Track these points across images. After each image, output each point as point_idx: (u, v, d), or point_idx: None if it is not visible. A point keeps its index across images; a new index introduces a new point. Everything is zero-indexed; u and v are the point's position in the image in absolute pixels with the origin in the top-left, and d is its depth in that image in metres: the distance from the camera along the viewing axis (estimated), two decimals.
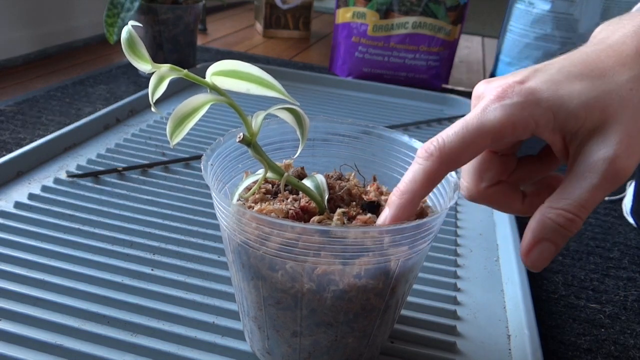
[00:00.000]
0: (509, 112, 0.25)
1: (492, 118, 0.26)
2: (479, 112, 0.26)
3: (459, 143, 0.26)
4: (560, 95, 0.25)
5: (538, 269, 0.27)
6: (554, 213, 0.25)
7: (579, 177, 0.25)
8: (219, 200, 0.28)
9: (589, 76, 0.26)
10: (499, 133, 0.26)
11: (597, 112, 0.25)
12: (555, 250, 0.26)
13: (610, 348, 0.40)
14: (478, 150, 0.27)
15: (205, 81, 0.27)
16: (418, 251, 0.28)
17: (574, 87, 0.25)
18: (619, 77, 0.25)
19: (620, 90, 0.25)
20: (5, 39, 0.89)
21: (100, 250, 0.42)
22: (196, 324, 0.36)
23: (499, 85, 0.26)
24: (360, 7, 0.95)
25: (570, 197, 0.25)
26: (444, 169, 0.27)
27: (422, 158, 0.27)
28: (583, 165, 0.25)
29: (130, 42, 0.26)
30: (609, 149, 0.24)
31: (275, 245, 0.26)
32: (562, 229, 0.25)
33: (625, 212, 0.59)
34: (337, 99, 0.84)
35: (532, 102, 0.25)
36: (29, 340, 0.33)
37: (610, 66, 0.26)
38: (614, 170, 0.24)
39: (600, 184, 0.24)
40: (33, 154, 0.55)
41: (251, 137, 0.28)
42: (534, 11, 0.85)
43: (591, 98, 0.25)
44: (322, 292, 0.27)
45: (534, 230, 0.26)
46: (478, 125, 0.26)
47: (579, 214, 0.25)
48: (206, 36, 1.27)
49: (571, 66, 0.26)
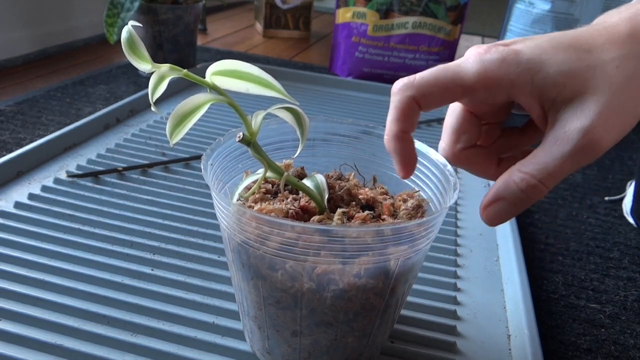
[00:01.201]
0: (485, 66, 0.26)
1: (468, 68, 0.26)
2: (458, 61, 0.27)
3: (430, 80, 0.27)
4: (542, 60, 0.25)
5: (492, 224, 0.27)
6: (519, 176, 0.25)
7: (551, 145, 0.25)
8: (219, 199, 0.28)
9: (577, 48, 0.26)
10: (471, 85, 0.26)
11: (577, 82, 0.25)
12: (513, 212, 0.26)
13: (610, 348, 0.40)
14: (449, 96, 0.27)
15: (205, 81, 0.27)
16: (418, 250, 0.28)
17: (558, 55, 0.25)
18: (607, 54, 0.25)
19: (606, 66, 0.25)
20: (5, 39, 0.89)
21: (100, 250, 0.42)
22: (196, 324, 0.36)
23: (484, 46, 0.27)
24: (360, 7, 0.95)
25: (538, 163, 0.25)
26: (413, 103, 0.27)
27: (393, 94, 0.28)
28: (557, 133, 0.25)
29: (131, 42, 0.26)
30: (585, 120, 0.24)
31: (275, 245, 0.26)
32: (523, 194, 0.25)
33: (625, 212, 0.59)
34: (337, 99, 0.84)
35: (511, 60, 0.25)
36: (29, 340, 0.33)
37: (600, 43, 0.26)
38: (588, 142, 0.24)
39: (571, 154, 0.24)
40: (33, 154, 0.55)
41: (251, 136, 0.28)
42: (534, 11, 0.85)
43: (574, 68, 0.25)
44: (322, 292, 0.27)
45: (497, 188, 0.26)
46: (453, 71, 0.26)
47: (544, 181, 0.25)
48: (206, 36, 1.27)
49: (562, 37, 0.26)
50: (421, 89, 0.27)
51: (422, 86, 0.27)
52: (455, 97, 0.27)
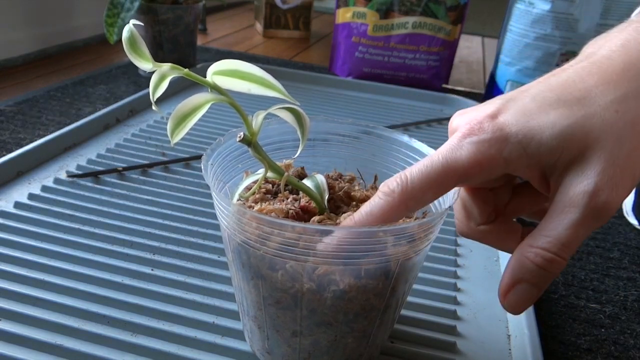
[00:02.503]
0: (475, 150, 0.24)
1: (457, 157, 0.24)
2: (445, 150, 0.25)
3: (422, 184, 0.25)
4: (531, 128, 0.23)
5: (517, 312, 0.25)
6: (533, 252, 0.23)
7: (559, 213, 0.23)
8: (219, 199, 0.28)
9: (566, 101, 0.23)
10: (464, 173, 0.24)
11: (574, 141, 0.23)
12: (537, 292, 0.24)
13: (610, 348, 0.40)
14: (444, 190, 0.25)
15: (206, 80, 0.27)
16: (418, 251, 0.28)
17: (548, 117, 0.23)
18: (602, 98, 0.23)
19: (603, 113, 0.22)
20: (5, 39, 0.89)
21: (100, 250, 0.42)
22: (196, 324, 0.36)
23: (469, 121, 0.25)
24: (360, 7, 0.95)
25: (550, 235, 0.23)
26: (404, 209, 0.25)
27: (383, 193, 0.25)
28: (563, 200, 0.23)
29: (132, 41, 0.26)
30: (590, 182, 0.22)
31: (276, 245, 0.26)
32: (542, 270, 0.23)
33: (626, 212, 0.59)
34: (337, 99, 0.84)
35: (500, 138, 0.23)
36: (29, 340, 0.33)
37: (592, 85, 0.23)
38: (596, 205, 0.22)
39: (581, 221, 0.22)
40: (33, 154, 0.55)
41: (252, 136, 0.28)
42: (534, 11, 0.85)
43: (566, 126, 0.23)
44: (322, 292, 0.27)
45: (512, 270, 0.24)
46: (443, 164, 0.24)
47: (560, 253, 0.23)
48: (206, 36, 1.27)
49: (547, 91, 0.24)
50: (414, 194, 0.25)
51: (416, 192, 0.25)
52: (450, 189, 0.25)
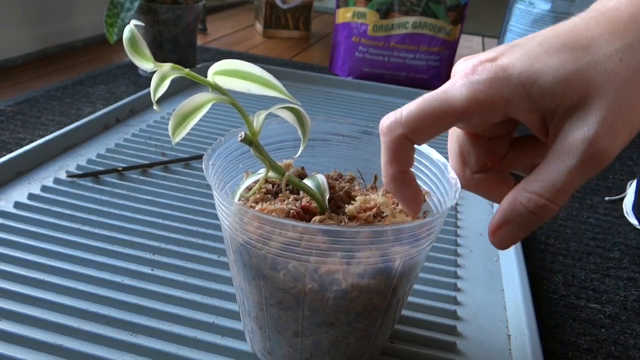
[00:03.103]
0: (474, 89, 0.23)
1: (457, 94, 0.24)
2: (444, 88, 0.25)
3: (419, 114, 0.24)
4: (535, 70, 0.23)
5: (502, 248, 0.25)
6: (526, 197, 0.23)
7: (555, 159, 0.23)
8: (220, 199, 0.28)
9: (572, 47, 0.23)
10: (463, 110, 0.24)
11: (577, 87, 0.22)
12: (523, 234, 0.24)
13: (610, 348, 0.40)
14: (439, 128, 0.25)
15: (207, 80, 0.27)
16: (419, 251, 0.28)
17: (552, 60, 0.23)
18: (607, 47, 0.23)
19: (607, 62, 0.22)
20: (5, 39, 0.89)
21: (100, 250, 0.42)
22: (196, 324, 0.36)
23: (470, 63, 0.25)
24: (360, 7, 0.95)
25: (544, 180, 0.23)
26: (405, 143, 0.25)
27: (382, 134, 0.26)
28: (561, 146, 0.23)
29: (133, 41, 0.26)
30: (589, 128, 0.22)
31: (278, 245, 0.26)
32: (532, 215, 0.23)
33: (626, 212, 0.59)
34: (337, 99, 0.84)
35: (502, 78, 0.23)
36: (29, 340, 0.33)
37: (598, 34, 0.23)
38: (595, 152, 0.22)
39: (578, 167, 0.22)
40: (33, 154, 0.55)
41: (253, 136, 0.28)
42: (534, 11, 0.85)
43: (570, 72, 0.23)
44: (324, 292, 0.27)
45: (504, 211, 0.24)
46: (440, 99, 0.24)
47: (553, 199, 0.23)
48: (206, 36, 1.27)
49: (554, 37, 0.24)
50: (410, 124, 0.25)
51: (411, 121, 0.25)
52: (448, 126, 0.25)
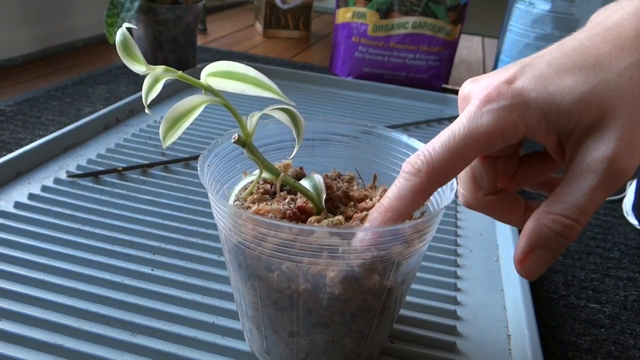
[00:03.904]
0: (497, 117, 0.24)
1: (479, 125, 0.24)
2: (466, 120, 0.24)
3: (447, 156, 0.24)
4: (551, 93, 0.23)
5: (532, 277, 0.25)
6: (550, 219, 0.23)
7: (576, 179, 0.23)
8: (215, 201, 0.28)
9: (582, 67, 0.23)
10: (487, 140, 0.24)
11: (592, 108, 0.23)
12: (552, 258, 0.24)
13: (610, 348, 0.40)
14: (468, 161, 0.25)
15: (199, 82, 0.27)
16: (414, 251, 0.28)
17: (566, 82, 0.23)
18: (616, 65, 0.23)
19: (618, 80, 0.23)
20: (5, 39, 0.89)
21: (100, 250, 0.42)
22: (196, 324, 0.36)
23: (485, 87, 0.25)
24: (360, 7, 0.95)
25: (567, 201, 0.23)
26: (433, 186, 0.25)
27: (409, 174, 0.25)
28: (580, 166, 0.23)
29: (125, 44, 0.26)
30: (608, 147, 0.22)
31: (271, 246, 0.26)
32: (559, 237, 0.23)
33: (626, 212, 0.59)
34: (337, 99, 0.84)
35: (520, 103, 0.23)
36: (29, 340, 0.33)
37: (606, 52, 0.23)
38: (614, 170, 0.22)
39: (599, 186, 0.23)
40: (33, 154, 0.55)
41: (246, 137, 0.28)
42: (534, 11, 0.85)
43: (585, 92, 0.23)
44: (318, 293, 0.27)
45: (529, 237, 0.24)
46: (466, 135, 0.24)
47: (578, 219, 0.23)
48: (206, 36, 1.27)
49: (563, 57, 0.24)
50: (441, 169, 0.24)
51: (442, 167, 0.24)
52: (473, 159, 0.25)
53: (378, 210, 0.26)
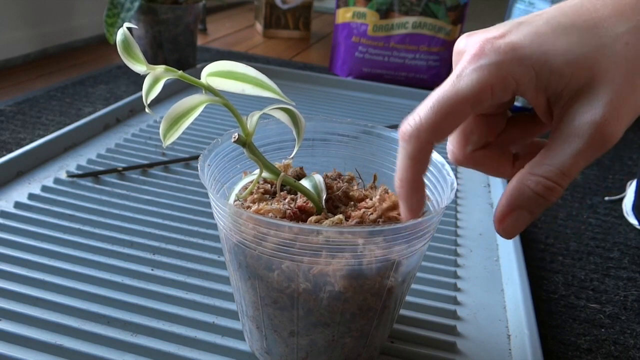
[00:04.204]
0: (487, 74, 0.23)
1: (468, 83, 0.23)
2: (455, 78, 0.24)
3: (437, 117, 0.24)
4: (545, 51, 0.23)
5: (510, 237, 0.25)
6: (533, 180, 0.24)
7: (562, 142, 0.23)
8: (216, 200, 0.28)
9: (580, 27, 0.23)
10: (477, 98, 0.24)
11: (584, 70, 0.22)
12: (530, 219, 0.24)
13: (610, 348, 0.40)
14: (459, 120, 0.25)
15: (200, 82, 0.27)
16: (415, 251, 0.28)
17: (561, 41, 0.23)
18: (614, 29, 0.23)
19: (614, 44, 0.22)
20: (5, 39, 0.89)
21: (100, 250, 0.42)
22: (196, 324, 0.36)
23: (477, 41, 0.24)
24: (360, 7, 0.95)
25: (551, 163, 0.23)
26: (428, 147, 0.25)
27: (403, 141, 0.25)
28: (567, 129, 0.23)
29: (125, 43, 0.26)
30: (597, 112, 0.22)
31: (272, 245, 0.26)
32: (540, 198, 0.24)
33: (626, 212, 0.59)
34: (337, 99, 0.84)
35: (512, 59, 0.23)
36: (29, 340, 0.33)
37: (605, 16, 0.23)
38: (601, 135, 0.22)
39: (584, 150, 0.22)
40: (33, 154, 0.55)
41: (246, 137, 0.28)
42: (533, 11, 0.85)
43: (579, 54, 0.23)
44: (318, 292, 0.27)
45: (511, 196, 0.24)
46: (454, 95, 0.24)
47: (560, 181, 0.23)
48: (206, 36, 1.27)
49: (561, 15, 0.24)
50: (431, 129, 0.24)
51: (431, 125, 0.24)
52: (466, 117, 0.25)
53: (396, 185, 0.27)
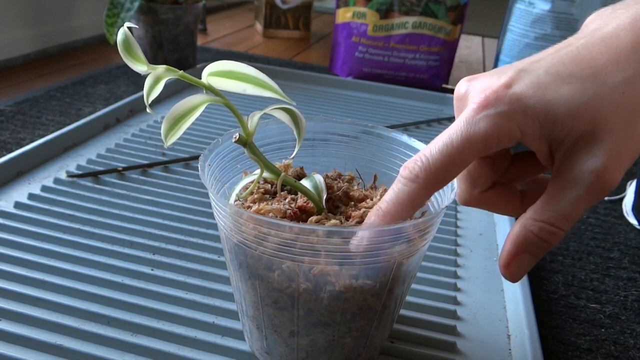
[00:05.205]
0: (494, 123, 0.24)
1: (477, 131, 0.24)
2: (463, 124, 0.25)
3: (444, 162, 0.25)
4: (547, 101, 0.24)
5: (516, 280, 0.26)
6: (537, 226, 0.24)
7: (563, 188, 0.24)
8: (216, 200, 0.28)
9: (578, 77, 0.24)
10: (484, 145, 0.24)
11: (585, 119, 0.23)
12: (534, 261, 0.25)
13: (610, 348, 0.40)
14: (465, 165, 0.25)
15: (201, 82, 0.27)
16: (415, 251, 0.28)
17: (562, 91, 0.24)
18: (611, 79, 0.24)
19: (611, 94, 0.23)
20: (5, 39, 0.89)
21: (100, 250, 0.42)
22: (196, 324, 0.36)
23: (482, 90, 0.25)
24: (360, 7, 0.95)
25: (554, 210, 0.24)
26: (430, 192, 0.25)
27: (407, 179, 0.25)
28: (568, 176, 0.24)
29: (126, 43, 0.26)
30: (597, 161, 0.23)
31: (272, 245, 0.26)
32: (544, 242, 0.25)
33: (626, 212, 0.59)
34: (337, 99, 0.84)
35: (518, 110, 0.24)
36: (29, 340, 0.33)
37: (602, 64, 0.24)
38: (602, 182, 0.23)
39: (586, 196, 0.23)
40: (33, 154, 0.55)
41: (247, 137, 0.28)
42: (534, 11, 0.85)
43: (580, 104, 0.23)
44: (318, 292, 0.27)
45: (515, 242, 0.25)
46: (463, 140, 0.24)
47: (562, 226, 0.24)
48: (206, 36, 1.27)
49: (560, 64, 0.25)
50: (438, 175, 0.25)
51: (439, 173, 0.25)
52: (469, 164, 0.25)
53: (376, 213, 0.26)
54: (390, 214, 0.26)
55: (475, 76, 0.27)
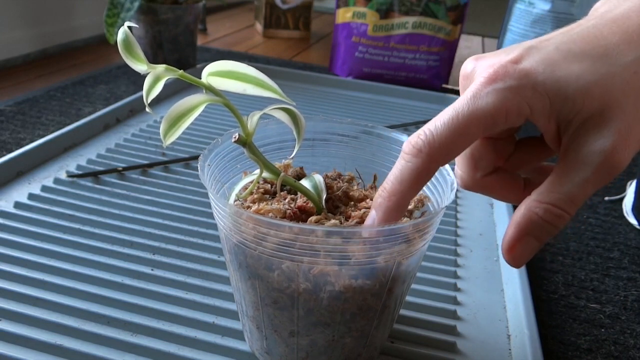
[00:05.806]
0: (502, 97, 0.23)
1: (484, 105, 0.23)
2: (469, 98, 0.24)
3: (449, 135, 0.23)
4: (558, 78, 0.23)
5: (519, 265, 0.25)
6: (542, 208, 0.23)
7: (570, 169, 0.23)
8: (216, 200, 0.28)
9: (590, 55, 0.23)
10: (491, 120, 0.23)
11: (595, 99, 0.22)
12: (538, 246, 0.24)
13: (610, 348, 0.40)
14: (470, 141, 0.24)
15: (200, 81, 0.27)
16: (415, 251, 0.28)
17: (573, 69, 0.23)
18: (623, 58, 0.23)
19: (623, 73, 0.23)
20: (5, 39, 0.89)
21: (100, 250, 0.42)
22: (196, 324, 0.36)
23: (490, 65, 0.24)
24: (360, 7, 0.95)
25: (560, 191, 0.23)
26: (435, 166, 0.24)
27: (410, 154, 0.24)
28: (576, 157, 0.23)
29: (126, 42, 0.26)
30: (607, 141, 0.22)
31: (272, 245, 0.26)
32: (549, 225, 0.23)
33: (626, 212, 0.59)
34: (337, 99, 0.84)
35: (527, 85, 0.23)
36: (29, 340, 0.33)
37: (614, 44, 0.23)
38: (610, 164, 0.22)
39: (593, 178, 0.23)
40: (33, 154, 0.55)
41: (247, 137, 0.28)
42: (534, 11, 0.85)
43: (591, 82, 0.23)
44: (318, 292, 0.27)
45: (519, 225, 0.24)
46: (469, 114, 0.23)
47: (568, 209, 0.23)
48: (206, 36, 1.27)
49: (570, 42, 0.24)
50: (442, 149, 0.24)
51: (443, 147, 0.24)
52: (475, 140, 0.24)
53: (381, 195, 0.25)
54: (396, 192, 0.25)
55: (482, 55, 0.26)
